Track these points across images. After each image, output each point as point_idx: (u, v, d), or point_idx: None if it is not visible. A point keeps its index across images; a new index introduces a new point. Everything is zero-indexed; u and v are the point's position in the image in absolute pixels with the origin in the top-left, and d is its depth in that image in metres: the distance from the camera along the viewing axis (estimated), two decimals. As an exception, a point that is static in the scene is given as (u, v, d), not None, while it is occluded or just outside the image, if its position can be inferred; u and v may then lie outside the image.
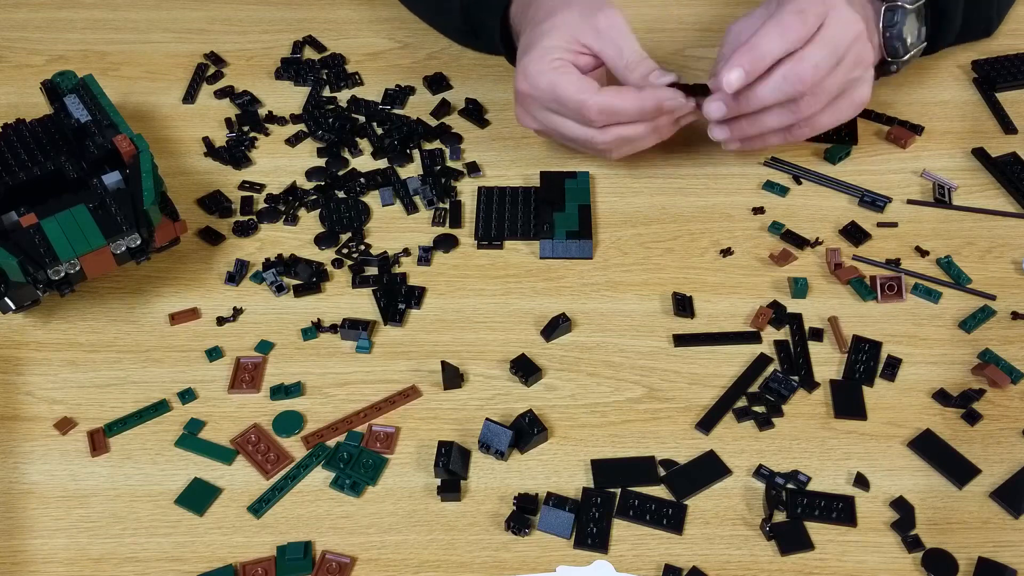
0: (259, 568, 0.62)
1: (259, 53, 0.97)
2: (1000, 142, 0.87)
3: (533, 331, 0.74)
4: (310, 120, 0.90)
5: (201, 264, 0.79)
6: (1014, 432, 0.68)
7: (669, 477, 0.66)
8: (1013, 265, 0.78)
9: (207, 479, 0.67)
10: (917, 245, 0.79)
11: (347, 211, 0.82)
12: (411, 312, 0.76)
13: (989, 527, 0.64)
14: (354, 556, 0.63)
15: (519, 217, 0.81)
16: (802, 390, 0.71)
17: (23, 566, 0.63)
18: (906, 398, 0.70)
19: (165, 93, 0.93)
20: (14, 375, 0.72)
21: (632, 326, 0.75)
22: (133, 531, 0.64)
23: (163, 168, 0.86)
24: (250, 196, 0.84)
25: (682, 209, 0.82)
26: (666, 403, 0.70)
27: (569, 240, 0.79)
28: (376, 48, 0.97)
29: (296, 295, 0.77)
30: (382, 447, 0.68)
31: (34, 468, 0.67)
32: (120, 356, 0.73)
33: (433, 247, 0.80)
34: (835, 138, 0.87)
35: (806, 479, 0.66)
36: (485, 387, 0.71)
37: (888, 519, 0.64)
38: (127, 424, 0.69)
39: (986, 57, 0.93)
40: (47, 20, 1.01)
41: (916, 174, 0.85)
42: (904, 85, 0.92)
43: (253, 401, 0.71)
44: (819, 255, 0.79)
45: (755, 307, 0.75)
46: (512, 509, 0.65)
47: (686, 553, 0.63)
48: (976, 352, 0.72)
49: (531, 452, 0.68)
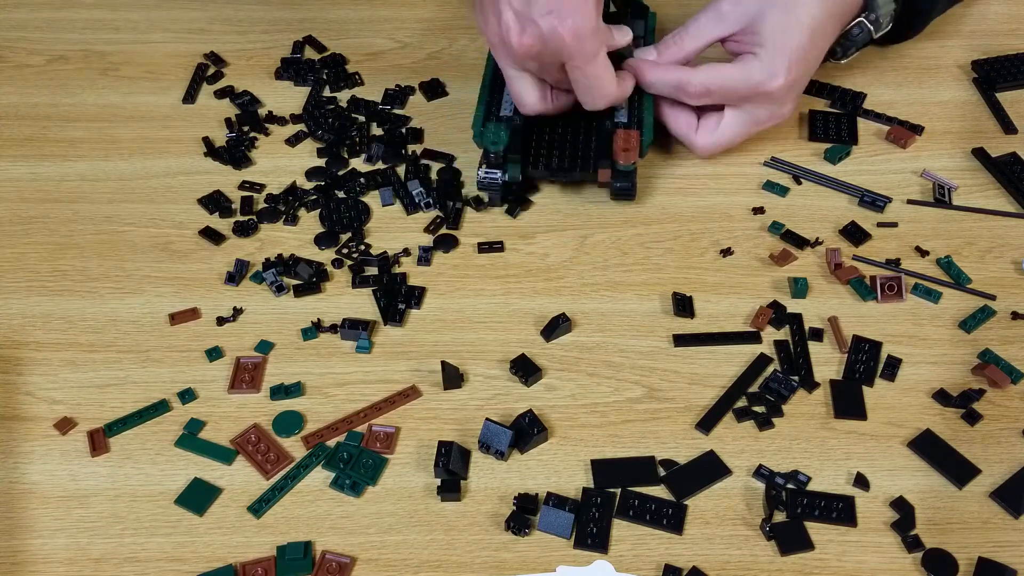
0: (259, 568, 0.62)
1: (259, 53, 0.97)
2: (1000, 142, 0.87)
3: (533, 331, 0.74)
4: (310, 120, 0.90)
5: (201, 264, 0.79)
6: (1014, 432, 0.68)
7: (669, 477, 0.66)
8: (1013, 265, 0.78)
9: (207, 479, 0.67)
10: (917, 245, 0.79)
11: (347, 211, 0.82)
12: (411, 312, 0.76)
13: (989, 527, 0.64)
14: (354, 556, 0.63)
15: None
16: (802, 390, 0.71)
17: (23, 566, 0.63)
18: (906, 398, 0.70)
19: (165, 93, 0.93)
20: (14, 375, 0.72)
21: (632, 326, 0.75)
22: (133, 531, 0.64)
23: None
24: (250, 196, 0.84)
25: (682, 209, 0.82)
26: (666, 403, 0.70)
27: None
28: (376, 48, 0.97)
29: (296, 295, 0.77)
30: (382, 447, 0.68)
31: (34, 468, 0.67)
32: (120, 356, 0.73)
33: (433, 247, 0.80)
34: (835, 138, 0.87)
35: (806, 479, 0.66)
36: (485, 387, 0.71)
37: (888, 519, 0.64)
38: (127, 424, 0.69)
39: (986, 57, 0.93)
40: (47, 20, 1.01)
41: (916, 174, 0.85)
42: (904, 85, 0.92)
43: (253, 401, 0.71)
44: (819, 255, 0.79)
45: (755, 307, 0.75)
46: (512, 509, 0.65)
47: (686, 553, 0.63)
48: (976, 352, 0.72)
49: (531, 452, 0.68)
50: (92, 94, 0.93)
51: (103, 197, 0.84)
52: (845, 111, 0.90)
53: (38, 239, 0.81)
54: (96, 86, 0.94)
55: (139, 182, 0.85)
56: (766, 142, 0.87)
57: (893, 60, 0.94)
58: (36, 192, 0.85)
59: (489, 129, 0.79)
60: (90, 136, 0.89)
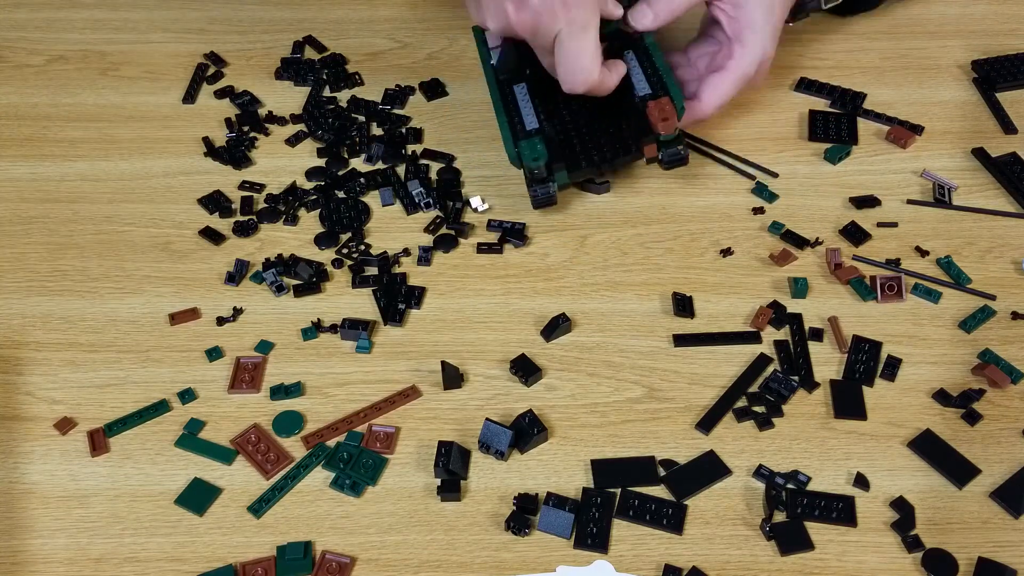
0: (259, 568, 0.62)
1: (259, 53, 0.97)
2: (1000, 142, 0.87)
3: (533, 331, 0.74)
4: (310, 120, 0.90)
5: (201, 264, 0.79)
6: (1014, 432, 0.68)
7: (669, 477, 0.66)
8: (1013, 265, 0.78)
9: (207, 479, 0.67)
10: (917, 245, 0.79)
11: (347, 211, 0.82)
12: (411, 312, 0.76)
13: (989, 527, 0.64)
14: (354, 556, 0.63)
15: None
16: (802, 390, 0.71)
17: (23, 566, 0.63)
18: (906, 398, 0.70)
19: (165, 93, 0.93)
20: (14, 375, 0.72)
21: (632, 326, 0.75)
22: (133, 531, 0.64)
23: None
24: (250, 196, 0.84)
25: (682, 209, 0.82)
26: (666, 403, 0.70)
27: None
28: (376, 48, 0.97)
29: (296, 295, 0.77)
30: (382, 447, 0.68)
31: (34, 468, 0.67)
32: (120, 356, 0.73)
33: (433, 247, 0.80)
34: (835, 138, 0.87)
35: (806, 479, 0.66)
36: (485, 387, 0.71)
37: (888, 519, 0.64)
38: (127, 424, 0.69)
39: (986, 57, 0.93)
40: (47, 20, 1.01)
41: (916, 174, 0.85)
42: (904, 85, 0.92)
43: (253, 401, 0.71)
44: (819, 255, 0.79)
45: (755, 307, 0.75)
46: (512, 509, 0.65)
47: (686, 553, 0.63)
48: (976, 352, 0.72)
49: (531, 452, 0.68)
50: (92, 94, 0.93)
51: (103, 197, 0.84)
52: (845, 111, 0.90)
53: (38, 239, 0.81)
54: (96, 86, 0.94)
55: (139, 182, 0.85)
56: (766, 142, 0.87)
57: (893, 60, 0.95)
58: (36, 192, 0.85)
59: (524, 147, 0.77)
60: (90, 136, 0.89)
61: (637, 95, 0.80)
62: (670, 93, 0.78)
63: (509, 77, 0.84)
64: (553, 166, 0.78)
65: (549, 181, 0.79)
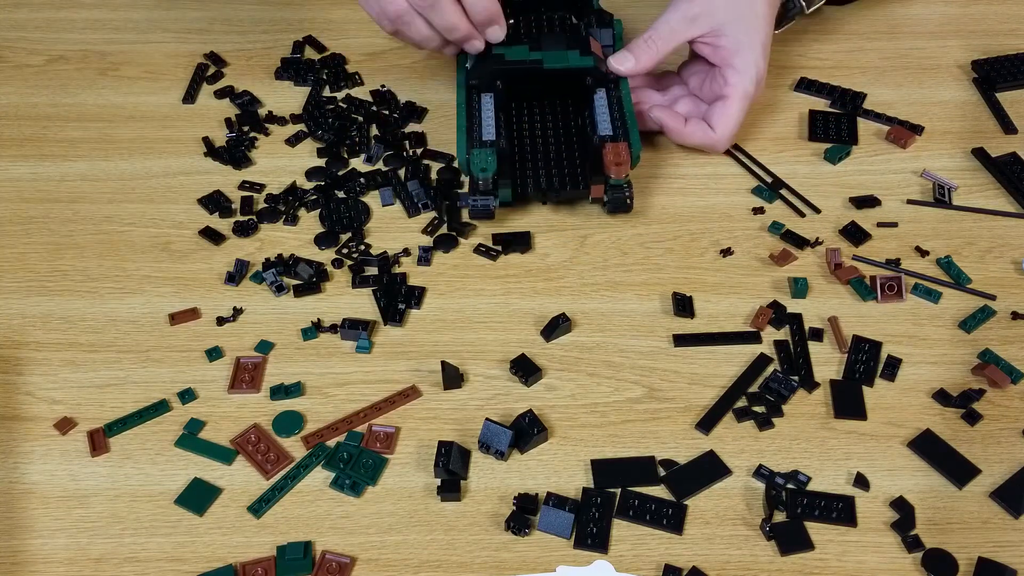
0: (259, 568, 0.62)
1: (259, 53, 0.97)
2: (1000, 142, 0.87)
3: (533, 331, 0.74)
4: (310, 120, 0.90)
5: (201, 264, 0.79)
6: (1014, 432, 0.68)
7: (669, 477, 0.66)
8: (1013, 265, 0.78)
9: (207, 479, 0.67)
10: (917, 245, 0.79)
11: (347, 211, 0.82)
12: (411, 312, 0.76)
13: (989, 527, 0.64)
14: (354, 556, 0.63)
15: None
16: (802, 390, 0.71)
17: (23, 566, 0.63)
18: (906, 398, 0.70)
19: (165, 93, 0.93)
20: (14, 375, 0.72)
21: (632, 326, 0.75)
22: (133, 531, 0.64)
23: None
24: (250, 196, 0.84)
25: (682, 209, 0.82)
26: (666, 403, 0.70)
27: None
28: (376, 48, 0.97)
29: (296, 295, 0.77)
30: (382, 447, 0.68)
31: (34, 468, 0.67)
32: (120, 356, 0.73)
33: (433, 247, 0.80)
34: (835, 138, 0.87)
35: (806, 479, 0.66)
36: (485, 387, 0.71)
37: (888, 519, 0.64)
38: (127, 424, 0.69)
39: (986, 57, 0.93)
40: (47, 20, 1.01)
41: (916, 174, 0.85)
42: (904, 85, 0.92)
43: (253, 401, 0.71)
44: (819, 255, 0.79)
45: (755, 307, 0.75)
46: (512, 509, 0.65)
47: (686, 553, 0.63)
48: (976, 352, 0.72)
49: (531, 452, 0.68)
50: (92, 94, 0.93)
51: (103, 197, 0.84)
52: (845, 111, 0.90)
53: (38, 239, 0.81)
54: (96, 86, 0.94)
55: (139, 182, 0.85)
56: (766, 142, 0.87)
57: (893, 60, 0.95)
58: (36, 192, 0.85)
59: (476, 155, 0.77)
60: (90, 136, 0.89)
61: (598, 134, 0.79)
62: (629, 139, 0.79)
63: (479, 84, 0.83)
64: (499, 181, 0.78)
65: (492, 195, 0.78)
